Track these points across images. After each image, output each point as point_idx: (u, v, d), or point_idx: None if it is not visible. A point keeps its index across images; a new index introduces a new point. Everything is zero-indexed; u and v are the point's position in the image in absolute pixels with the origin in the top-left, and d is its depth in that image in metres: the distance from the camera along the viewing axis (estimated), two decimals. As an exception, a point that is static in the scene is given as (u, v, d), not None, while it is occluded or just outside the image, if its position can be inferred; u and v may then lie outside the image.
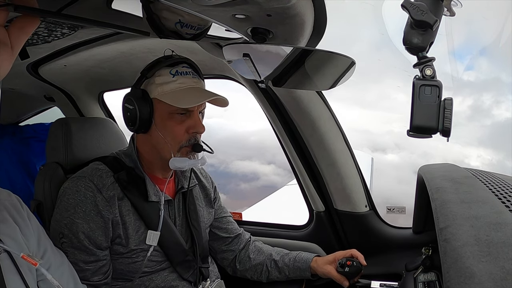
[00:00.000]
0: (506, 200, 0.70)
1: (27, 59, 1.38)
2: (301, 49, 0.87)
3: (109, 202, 1.16)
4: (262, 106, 1.57)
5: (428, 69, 0.67)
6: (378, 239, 1.61)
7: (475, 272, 0.46)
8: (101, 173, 1.20)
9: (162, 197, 1.23)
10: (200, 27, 0.88)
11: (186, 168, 1.22)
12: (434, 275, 1.18)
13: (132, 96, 1.18)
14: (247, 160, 29.58)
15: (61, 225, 1.14)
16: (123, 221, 1.18)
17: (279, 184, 33.51)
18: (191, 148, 1.20)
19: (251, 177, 24.65)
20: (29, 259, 0.79)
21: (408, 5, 0.64)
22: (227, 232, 1.51)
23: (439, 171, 1.09)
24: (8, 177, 2.06)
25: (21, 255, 0.78)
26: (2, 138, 2.20)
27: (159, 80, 1.17)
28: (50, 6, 0.76)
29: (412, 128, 0.68)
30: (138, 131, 1.21)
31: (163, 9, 0.80)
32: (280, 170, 35.77)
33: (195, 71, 1.23)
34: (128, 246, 1.19)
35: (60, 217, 1.15)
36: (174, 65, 1.18)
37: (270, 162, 39.15)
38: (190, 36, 0.88)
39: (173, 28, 0.84)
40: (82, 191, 1.15)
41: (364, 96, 44.24)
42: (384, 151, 41.33)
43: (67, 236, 1.13)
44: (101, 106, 2.14)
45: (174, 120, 1.18)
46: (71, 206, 1.14)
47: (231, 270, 1.54)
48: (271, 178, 15.44)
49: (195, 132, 1.20)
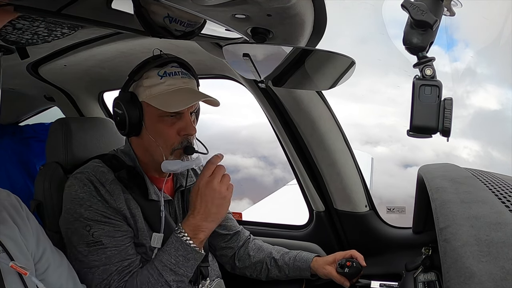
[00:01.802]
0: (506, 200, 0.70)
1: (27, 59, 1.38)
2: (301, 49, 0.87)
3: (113, 195, 1.15)
4: (262, 106, 1.57)
5: (428, 69, 0.67)
6: (378, 239, 1.61)
7: (475, 272, 0.46)
8: (102, 169, 1.19)
9: (162, 197, 1.22)
10: (190, 24, 0.87)
11: (179, 171, 1.21)
12: (434, 275, 1.18)
13: (120, 100, 1.17)
14: (229, 153, 29.97)
15: (85, 218, 1.12)
16: (132, 214, 1.17)
17: (258, 176, 33.14)
18: (183, 150, 1.19)
19: (231, 169, 25.15)
20: (18, 268, 0.77)
21: (408, 5, 0.64)
22: (226, 229, 1.50)
23: (439, 171, 1.09)
24: (8, 177, 2.06)
25: (10, 265, 0.76)
26: (2, 138, 2.20)
27: (147, 82, 1.15)
28: (50, 6, 0.76)
29: (412, 128, 0.68)
30: (129, 135, 1.20)
31: (152, 3, 0.80)
32: (261, 163, 35.92)
33: (186, 69, 1.20)
34: (138, 239, 1.18)
35: (77, 214, 1.13)
36: (162, 66, 1.16)
37: (252, 155, 39.27)
38: (180, 33, 0.88)
39: (162, 23, 0.83)
40: (87, 184, 1.14)
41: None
42: (372, 144, 41.44)
43: (96, 224, 1.11)
44: (101, 106, 2.13)
45: (165, 123, 1.16)
46: (86, 198, 1.13)
47: (230, 267, 1.53)
48: (251, 171, 15.86)
49: (187, 134, 1.18)
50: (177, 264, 1.11)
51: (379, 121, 60.26)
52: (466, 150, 31.30)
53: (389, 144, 39.01)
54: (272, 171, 32.05)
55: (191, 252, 1.12)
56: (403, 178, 24.16)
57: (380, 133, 54.12)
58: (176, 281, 1.11)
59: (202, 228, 1.14)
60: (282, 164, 33.58)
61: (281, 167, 31.41)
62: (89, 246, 1.11)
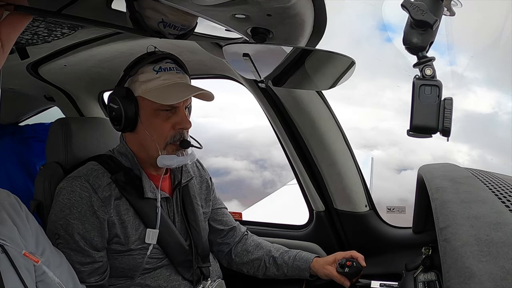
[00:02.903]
0: (506, 200, 0.70)
1: (27, 59, 1.38)
2: (301, 49, 0.87)
3: (104, 203, 1.16)
4: (262, 106, 1.57)
5: (428, 69, 0.67)
6: (378, 239, 1.61)
7: (475, 272, 0.46)
8: (97, 173, 1.19)
9: (158, 194, 1.23)
10: (183, 28, 0.87)
11: (174, 166, 1.22)
12: (434, 275, 1.18)
13: (116, 95, 1.18)
14: (221, 156, 30.19)
15: (57, 226, 1.14)
16: (122, 220, 1.18)
17: (247, 178, 33.05)
18: (178, 145, 1.20)
19: (222, 172, 25.41)
20: (31, 256, 0.79)
21: (408, 5, 0.64)
22: (222, 224, 1.50)
23: (439, 171, 1.09)
24: (8, 177, 2.06)
25: (23, 252, 0.79)
26: (2, 138, 2.20)
27: (142, 77, 1.17)
28: (50, 6, 0.76)
29: (412, 128, 0.68)
30: (125, 130, 1.21)
31: (147, 8, 0.80)
32: (252, 166, 36.13)
33: (180, 66, 1.22)
34: (128, 244, 1.19)
35: (56, 217, 1.15)
36: (157, 62, 1.18)
37: (244, 158, 39.43)
38: (173, 36, 0.88)
39: (156, 28, 0.84)
40: (77, 191, 1.15)
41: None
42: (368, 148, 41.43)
43: (62, 237, 1.13)
44: (101, 106, 2.13)
45: (160, 117, 1.18)
46: (66, 206, 1.14)
47: (226, 263, 1.53)
48: (240, 173, 15.99)
49: (182, 128, 1.20)
50: None
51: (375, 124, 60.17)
52: (461, 154, 31.43)
53: (386, 148, 39.05)
54: (262, 173, 32.26)
55: None
56: (395, 181, 24.33)
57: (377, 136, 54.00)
58: None
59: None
60: (272, 168, 33.72)
61: (271, 170, 31.71)
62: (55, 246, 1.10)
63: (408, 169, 31.92)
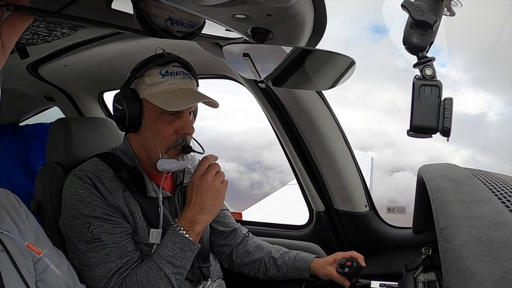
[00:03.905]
0: (506, 200, 0.70)
1: (27, 59, 1.38)
2: (301, 49, 0.87)
3: (112, 192, 1.16)
4: (262, 106, 1.57)
5: (428, 69, 0.67)
6: (378, 239, 1.61)
7: (475, 272, 0.46)
8: (102, 167, 1.20)
9: (160, 193, 1.23)
10: (191, 24, 0.87)
11: (174, 170, 1.22)
12: (434, 275, 1.18)
13: (121, 96, 1.18)
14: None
15: (84, 215, 1.13)
16: (131, 211, 1.18)
17: (235, 180, 33.30)
18: (180, 149, 1.20)
19: None
20: (33, 247, 0.80)
21: (408, 5, 0.64)
22: (224, 226, 1.50)
23: (439, 171, 1.09)
24: (8, 177, 2.07)
25: (26, 244, 0.80)
26: (2, 138, 2.21)
27: (148, 80, 1.16)
28: (50, 6, 0.76)
29: (412, 128, 0.68)
30: (128, 131, 1.21)
31: (153, 6, 0.80)
32: (242, 168, 36.14)
33: (187, 70, 1.21)
34: (138, 236, 1.19)
35: (77, 211, 1.13)
36: (164, 65, 1.17)
37: (235, 160, 39.39)
38: (181, 34, 0.88)
39: (163, 25, 0.84)
40: (86, 181, 1.15)
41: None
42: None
43: (95, 221, 1.12)
44: (101, 106, 2.14)
45: (164, 120, 1.18)
46: (85, 195, 1.14)
47: (227, 264, 1.54)
48: (228, 175, 16.23)
49: (184, 134, 1.20)
50: (175, 256, 1.13)
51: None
52: (453, 155, 31.22)
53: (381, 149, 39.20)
54: (250, 175, 32.23)
55: (187, 244, 1.14)
56: (385, 182, 24.23)
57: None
58: (175, 273, 1.13)
59: (198, 220, 1.16)
60: (261, 169, 33.62)
61: (260, 172, 31.62)
62: (88, 243, 1.11)
63: (401, 170, 31.84)
